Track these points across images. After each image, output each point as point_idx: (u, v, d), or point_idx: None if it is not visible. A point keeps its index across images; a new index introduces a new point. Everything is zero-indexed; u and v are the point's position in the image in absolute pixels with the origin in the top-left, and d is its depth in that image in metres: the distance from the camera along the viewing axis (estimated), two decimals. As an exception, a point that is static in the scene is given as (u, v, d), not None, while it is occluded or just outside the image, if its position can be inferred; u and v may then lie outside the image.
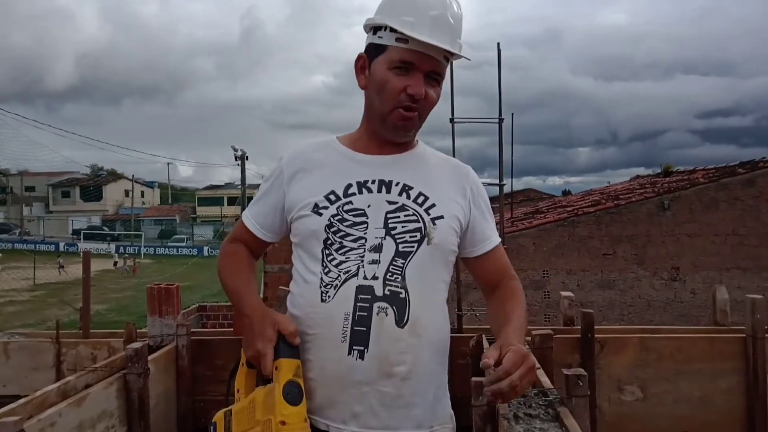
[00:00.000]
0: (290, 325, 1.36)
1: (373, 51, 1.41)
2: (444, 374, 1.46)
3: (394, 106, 1.37)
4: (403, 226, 1.37)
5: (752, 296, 3.32)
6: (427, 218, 1.39)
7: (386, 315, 1.32)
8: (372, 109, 1.44)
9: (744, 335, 3.33)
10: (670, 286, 7.88)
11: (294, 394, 1.31)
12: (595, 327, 3.45)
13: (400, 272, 1.35)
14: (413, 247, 1.37)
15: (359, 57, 1.45)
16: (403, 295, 1.34)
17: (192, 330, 3.50)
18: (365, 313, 1.32)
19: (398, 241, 1.36)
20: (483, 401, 1.29)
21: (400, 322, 1.33)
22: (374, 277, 1.34)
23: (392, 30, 1.34)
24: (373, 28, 1.41)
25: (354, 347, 1.32)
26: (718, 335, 3.48)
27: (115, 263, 30.59)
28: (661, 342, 3.42)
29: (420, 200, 1.41)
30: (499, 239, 1.53)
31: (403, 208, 1.39)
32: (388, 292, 1.33)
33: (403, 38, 1.33)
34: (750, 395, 3.29)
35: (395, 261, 1.35)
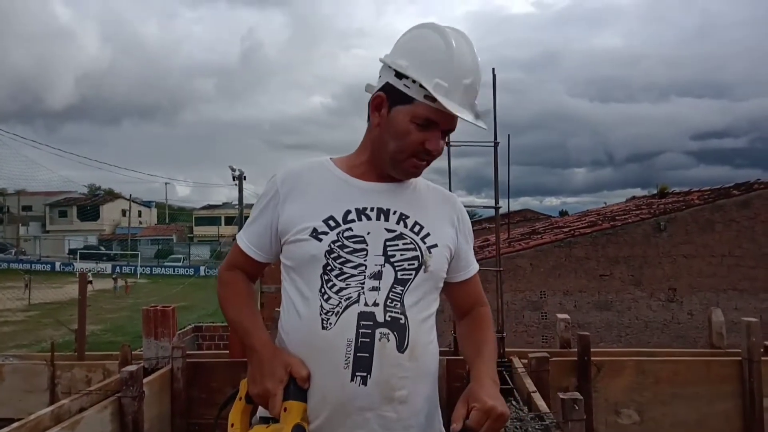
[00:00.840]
0: (303, 370, 1.36)
1: (394, 95, 1.41)
2: (436, 394, 1.49)
3: (410, 156, 1.42)
4: (401, 254, 1.40)
5: (748, 319, 3.33)
6: (423, 247, 1.42)
7: (388, 341, 1.34)
8: (383, 150, 1.44)
9: (740, 358, 3.33)
10: (668, 307, 7.87)
11: None
12: (592, 349, 3.45)
13: (399, 299, 1.37)
14: (411, 274, 1.40)
15: (378, 97, 1.43)
16: (402, 321, 1.36)
17: (187, 352, 3.49)
18: (368, 340, 1.33)
19: (397, 268, 1.39)
20: None
21: (401, 347, 1.35)
22: (375, 304, 1.35)
23: (422, 86, 1.35)
24: (397, 72, 1.40)
25: (357, 374, 1.32)
26: (714, 358, 3.48)
27: (90, 282, 29.99)
28: (658, 365, 3.41)
29: (416, 229, 1.44)
30: (476, 268, 1.60)
31: (401, 236, 1.42)
32: (389, 318, 1.35)
33: (432, 97, 1.34)
34: (747, 418, 3.28)
35: (395, 288, 1.37)
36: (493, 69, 4.00)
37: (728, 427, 3.34)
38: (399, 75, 1.39)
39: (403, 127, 1.40)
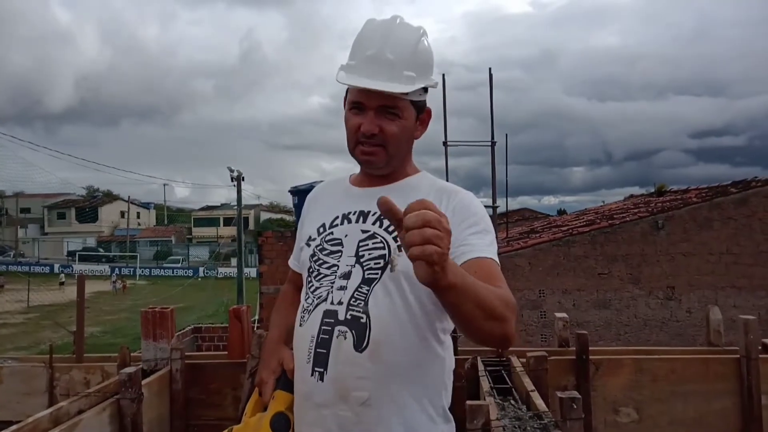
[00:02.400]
0: (291, 363, 1.46)
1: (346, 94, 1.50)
2: (424, 406, 1.38)
3: (355, 143, 1.44)
4: (369, 254, 1.40)
5: (745, 317, 3.34)
6: (393, 245, 1.38)
7: (345, 339, 1.34)
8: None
9: (738, 356, 3.34)
10: (666, 305, 7.88)
11: (281, 424, 1.40)
12: (590, 348, 3.46)
13: (363, 298, 1.36)
14: (377, 274, 1.37)
15: (344, 100, 1.52)
16: (363, 320, 1.34)
17: (186, 354, 3.49)
18: (327, 336, 1.36)
19: (365, 268, 1.39)
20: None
21: (359, 346, 1.33)
22: (339, 302, 1.37)
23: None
24: None
25: (315, 369, 1.36)
26: (712, 356, 3.49)
27: (61, 283, 30.27)
28: (656, 363, 3.42)
29: (391, 228, 1.39)
30: (488, 255, 1.34)
31: (373, 236, 1.42)
32: (349, 317, 1.35)
33: None
34: (745, 416, 3.29)
35: (361, 288, 1.37)
36: (490, 69, 4.01)
37: (726, 424, 3.35)
38: None
39: (345, 117, 1.46)
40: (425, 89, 1.45)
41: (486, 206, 4.23)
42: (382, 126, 1.40)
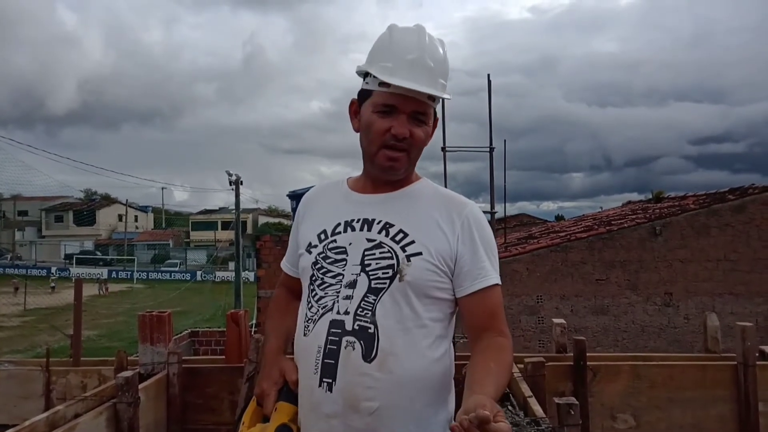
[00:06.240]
0: (293, 374, 1.45)
1: (362, 96, 1.48)
2: (433, 412, 1.40)
3: (380, 146, 1.42)
4: (377, 263, 1.39)
5: (742, 324, 3.34)
6: (402, 255, 1.38)
7: (353, 349, 1.34)
8: (363, 151, 1.49)
9: (735, 362, 3.34)
10: (664, 311, 7.89)
11: None
12: (588, 354, 3.46)
13: (370, 308, 1.36)
14: (385, 283, 1.37)
15: (352, 102, 1.51)
16: (371, 330, 1.35)
17: (183, 357, 3.48)
18: (335, 347, 1.35)
19: (371, 277, 1.38)
20: None
21: (368, 357, 1.33)
22: (346, 312, 1.36)
23: (375, 76, 1.42)
24: (363, 74, 1.47)
25: (324, 379, 1.35)
26: (709, 363, 3.49)
27: (52, 287, 30.51)
28: (654, 369, 3.42)
29: (398, 237, 1.41)
30: (493, 282, 1.42)
31: (380, 245, 1.41)
32: (357, 327, 1.35)
33: (386, 83, 1.39)
34: (742, 423, 3.29)
35: (367, 297, 1.37)
36: (488, 75, 4.03)
37: (723, 431, 3.34)
38: (361, 75, 1.48)
39: (368, 119, 1.44)
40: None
41: (484, 212, 4.23)
42: (412, 131, 1.40)
